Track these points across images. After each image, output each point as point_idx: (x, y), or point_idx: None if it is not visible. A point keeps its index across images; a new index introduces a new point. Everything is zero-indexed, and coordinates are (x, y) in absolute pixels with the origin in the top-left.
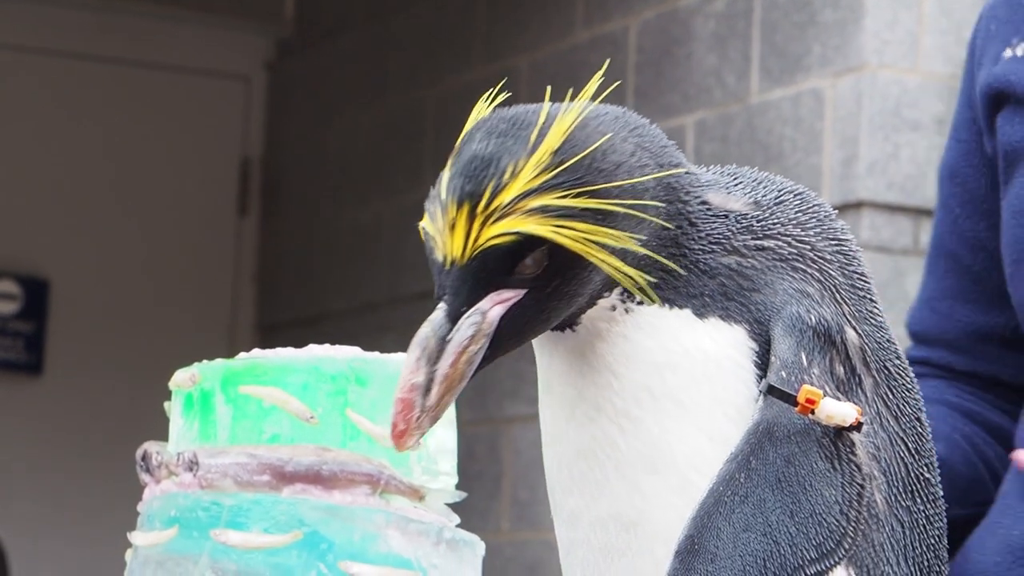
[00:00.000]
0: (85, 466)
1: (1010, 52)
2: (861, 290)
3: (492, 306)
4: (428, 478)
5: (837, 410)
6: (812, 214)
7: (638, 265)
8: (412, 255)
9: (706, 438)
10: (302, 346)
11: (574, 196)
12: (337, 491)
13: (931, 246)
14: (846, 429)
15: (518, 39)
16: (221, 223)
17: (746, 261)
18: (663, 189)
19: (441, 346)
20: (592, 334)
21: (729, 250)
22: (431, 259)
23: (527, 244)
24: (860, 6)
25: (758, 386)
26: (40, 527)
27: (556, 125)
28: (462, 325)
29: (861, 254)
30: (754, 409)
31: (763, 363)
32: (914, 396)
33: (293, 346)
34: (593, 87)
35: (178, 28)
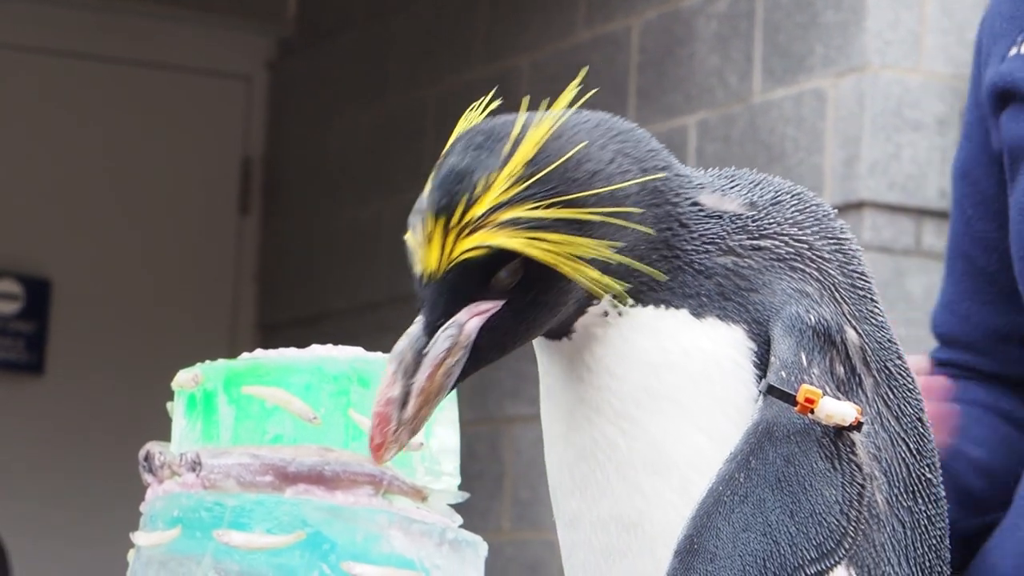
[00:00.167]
0: (86, 466)
1: (1015, 50)
2: (861, 289)
3: (469, 318)
4: (431, 479)
5: (836, 409)
6: (809, 213)
7: (627, 270)
8: None
9: (706, 438)
10: (303, 345)
11: (546, 207)
12: (340, 492)
13: (948, 248)
14: (846, 429)
15: (519, 39)
16: (222, 223)
17: (743, 261)
18: (649, 193)
19: (418, 359)
20: (588, 339)
21: (724, 250)
22: (412, 272)
23: (501, 256)
24: (862, 6)
25: (758, 386)
26: (41, 527)
27: (529, 136)
28: (439, 338)
29: (861, 253)
30: (754, 409)
31: (762, 363)
32: (915, 396)
33: (294, 345)
34: (570, 94)
35: (179, 28)
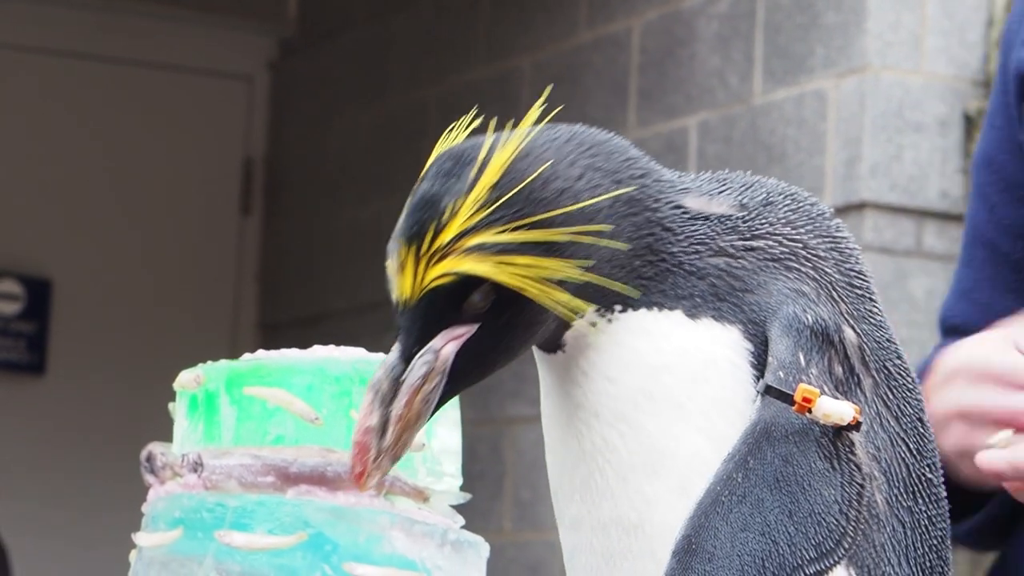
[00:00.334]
0: (87, 466)
1: None
2: (859, 288)
3: (445, 343)
4: (433, 479)
5: (834, 408)
6: (803, 213)
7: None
8: None
9: (704, 439)
10: (304, 345)
11: (512, 230)
12: (342, 492)
13: (966, 236)
14: (845, 428)
15: (520, 39)
16: (223, 223)
17: (736, 262)
18: (624, 204)
19: (395, 387)
20: (582, 348)
21: (716, 251)
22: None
23: (471, 282)
24: (863, 7)
25: (755, 387)
26: (42, 527)
27: (495, 159)
28: (415, 365)
29: (859, 252)
30: (752, 410)
31: (760, 364)
32: (915, 396)
33: (295, 345)
34: (535, 113)
35: (180, 28)
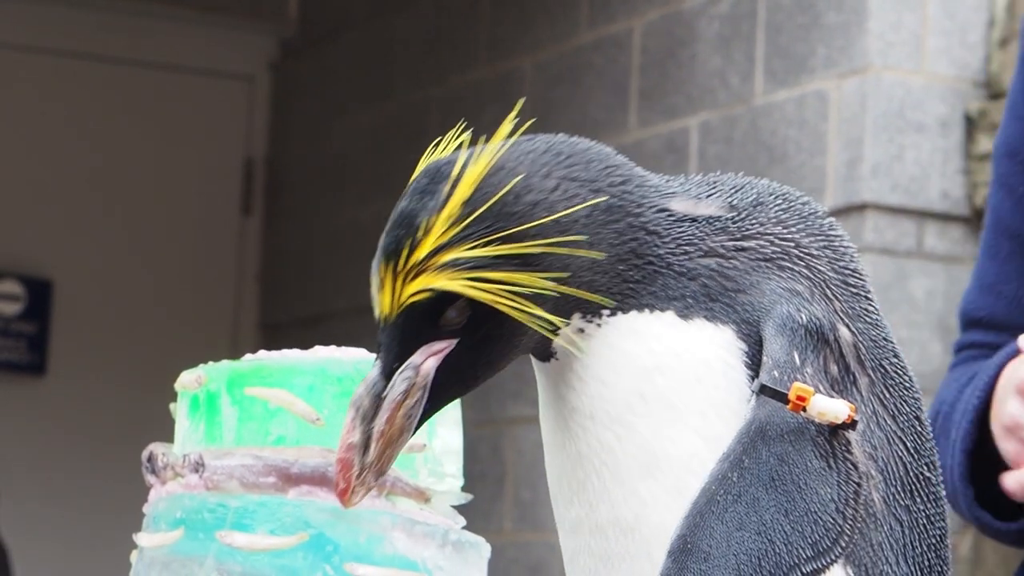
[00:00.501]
0: (88, 466)
1: None
2: (854, 287)
3: (425, 359)
4: (434, 480)
5: (829, 407)
6: (794, 212)
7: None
8: None
9: (700, 439)
10: (306, 346)
11: (483, 245)
12: None
13: (989, 229)
14: (840, 427)
15: (522, 39)
16: (224, 223)
17: (727, 262)
18: (603, 212)
19: (376, 403)
20: (574, 354)
21: (705, 251)
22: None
23: (446, 297)
24: (864, 8)
25: (750, 386)
26: (43, 527)
27: (467, 175)
28: (396, 381)
29: (854, 251)
30: (747, 409)
31: (754, 363)
32: (912, 395)
33: (296, 346)
34: (508, 126)
35: (181, 28)
